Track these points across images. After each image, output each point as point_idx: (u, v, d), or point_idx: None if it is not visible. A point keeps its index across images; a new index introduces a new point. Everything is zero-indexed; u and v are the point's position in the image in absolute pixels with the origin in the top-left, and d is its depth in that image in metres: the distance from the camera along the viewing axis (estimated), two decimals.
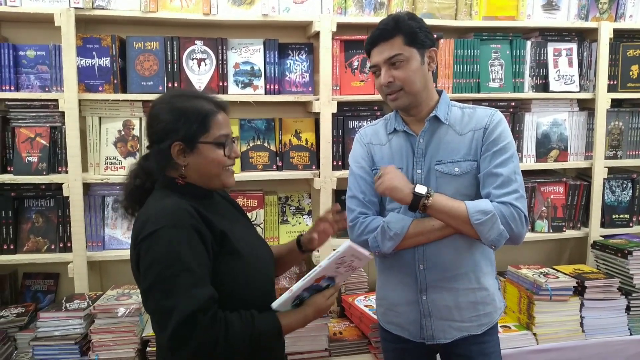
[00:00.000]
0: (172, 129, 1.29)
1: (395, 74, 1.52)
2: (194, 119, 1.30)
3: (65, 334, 1.98)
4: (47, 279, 2.43)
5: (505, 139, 1.54)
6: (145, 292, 1.23)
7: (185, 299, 1.16)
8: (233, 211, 1.49)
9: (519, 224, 1.48)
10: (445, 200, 1.50)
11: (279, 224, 2.50)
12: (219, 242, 1.28)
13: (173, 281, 1.17)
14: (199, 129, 1.31)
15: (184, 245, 1.20)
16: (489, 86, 2.56)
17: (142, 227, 1.24)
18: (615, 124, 2.73)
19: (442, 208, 1.49)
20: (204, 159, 1.32)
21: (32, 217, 2.32)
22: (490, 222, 1.45)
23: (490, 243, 1.48)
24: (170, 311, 1.16)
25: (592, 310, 2.30)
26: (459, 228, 1.51)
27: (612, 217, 2.74)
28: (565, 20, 2.63)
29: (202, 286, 1.20)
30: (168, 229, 1.21)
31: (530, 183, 2.64)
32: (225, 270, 1.28)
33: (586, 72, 2.68)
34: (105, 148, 2.33)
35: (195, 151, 1.31)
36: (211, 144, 1.32)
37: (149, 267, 1.20)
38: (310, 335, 2.12)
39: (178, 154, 1.31)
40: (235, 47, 2.41)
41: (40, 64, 2.27)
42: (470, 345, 1.60)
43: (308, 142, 2.50)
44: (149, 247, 1.21)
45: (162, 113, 1.32)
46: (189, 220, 1.23)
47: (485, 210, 1.46)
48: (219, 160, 1.33)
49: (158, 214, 1.24)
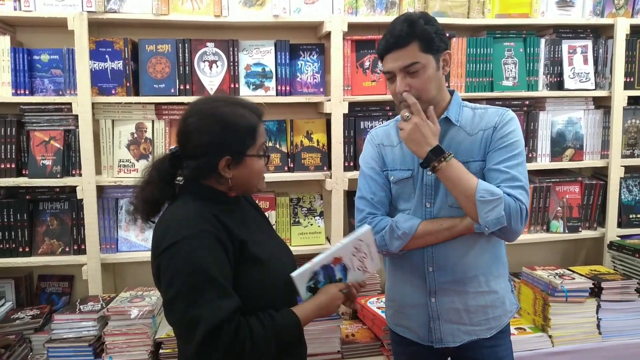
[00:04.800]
0: (221, 142, 1.26)
1: (412, 83, 1.47)
2: (244, 133, 1.28)
3: (79, 336, 2.00)
4: (61, 281, 2.46)
5: (513, 137, 1.50)
6: (169, 303, 1.21)
7: (212, 310, 1.15)
8: (255, 215, 1.47)
9: (518, 220, 1.44)
10: (459, 169, 1.46)
11: (290, 226, 2.50)
12: (239, 251, 1.27)
13: (198, 291, 1.16)
14: (249, 142, 1.29)
15: (207, 255, 1.19)
16: (502, 85, 2.53)
17: (164, 236, 1.22)
18: (632, 122, 2.68)
19: (451, 174, 1.45)
20: (250, 170, 1.31)
21: (46, 219, 2.34)
22: (494, 203, 1.41)
23: (485, 224, 1.43)
24: (197, 321, 1.15)
25: (609, 312, 2.27)
26: (459, 200, 1.46)
27: (629, 216, 2.70)
28: (580, 16, 2.59)
29: (228, 297, 1.19)
30: (190, 239, 1.19)
31: (545, 183, 2.61)
32: (246, 278, 1.27)
33: (602, 69, 2.63)
34: (118, 151, 2.35)
35: (241, 163, 1.29)
36: (256, 156, 1.32)
37: (172, 278, 1.19)
38: (322, 338, 2.11)
39: (224, 168, 1.28)
40: (247, 48, 2.41)
41: (54, 67, 2.29)
42: (481, 349, 1.58)
43: (319, 143, 2.49)
44: (171, 258, 1.19)
45: (205, 124, 1.26)
46: (210, 229, 1.21)
47: (494, 192, 1.42)
48: (262, 171, 1.34)
49: (179, 223, 1.22)
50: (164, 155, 1.35)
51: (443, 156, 1.44)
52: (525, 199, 1.45)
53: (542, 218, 2.63)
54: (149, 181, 1.32)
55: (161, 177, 1.32)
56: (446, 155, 1.45)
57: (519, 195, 1.44)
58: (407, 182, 1.59)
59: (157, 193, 1.31)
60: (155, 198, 1.31)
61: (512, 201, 1.43)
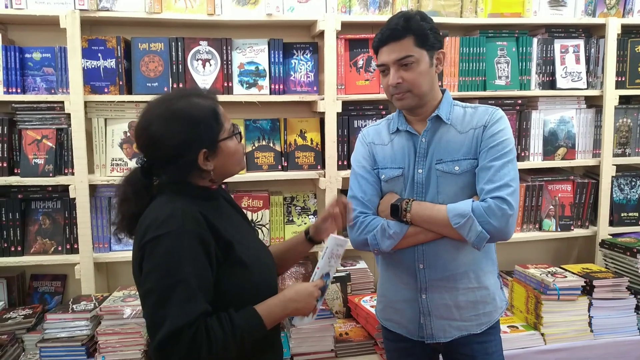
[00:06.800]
0: (193, 138, 1.23)
1: (405, 76, 1.51)
2: (210, 121, 1.26)
3: (71, 335, 1.99)
4: (54, 280, 2.44)
5: (503, 136, 1.52)
6: (142, 297, 1.21)
7: (178, 312, 1.14)
8: (236, 216, 1.46)
9: (500, 218, 1.44)
10: (425, 206, 1.52)
11: (284, 225, 2.50)
12: (224, 251, 1.25)
13: (169, 291, 1.15)
14: (217, 128, 1.28)
15: (187, 255, 1.17)
16: (495, 84, 2.54)
17: (147, 229, 1.20)
18: (623, 121, 2.70)
19: (422, 214, 1.51)
20: (227, 155, 1.30)
21: (39, 218, 2.33)
22: (468, 223, 1.45)
23: (473, 244, 1.48)
24: (161, 322, 1.14)
25: (601, 310, 2.28)
26: (444, 234, 1.51)
27: (620, 215, 2.72)
28: (572, 16, 2.61)
29: (197, 301, 1.17)
30: (173, 236, 1.18)
31: (537, 181, 2.63)
32: (230, 279, 1.26)
33: (594, 68, 2.65)
34: (111, 149, 2.34)
35: (217, 151, 1.28)
36: (227, 138, 1.30)
37: (148, 273, 1.18)
38: (316, 336, 2.11)
39: (204, 162, 1.26)
40: (240, 47, 2.41)
41: (46, 66, 2.28)
42: (471, 344, 1.60)
43: (313, 142, 2.50)
44: (152, 251, 1.18)
45: (170, 127, 1.23)
46: (196, 228, 1.20)
47: (463, 212, 1.46)
48: (239, 151, 1.33)
49: (166, 217, 1.20)
50: (134, 169, 1.33)
51: (404, 204, 1.53)
52: (512, 198, 1.46)
53: (534, 217, 2.64)
54: (124, 199, 1.31)
55: (136, 191, 1.30)
56: (408, 201, 1.53)
57: (505, 195, 1.45)
58: (398, 180, 1.61)
59: (134, 207, 1.30)
60: (133, 213, 1.30)
61: (489, 205, 1.45)
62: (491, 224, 1.44)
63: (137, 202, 1.30)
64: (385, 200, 1.62)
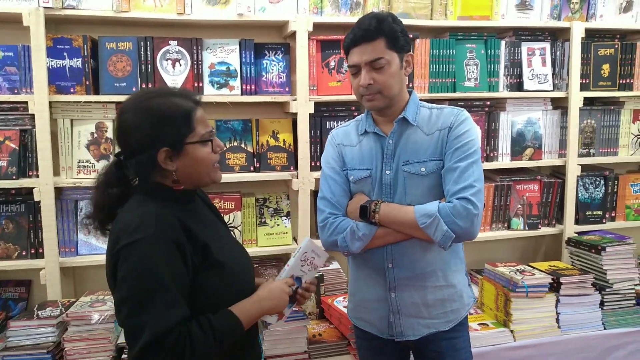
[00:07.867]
0: (156, 135, 1.22)
1: (376, 77, 1.52)
2: (178, 121, 1.24)
3: (37, 342, 1.93)
4: (18, 286, 2.36)
5: (468, 137, 1.54)
6: (117, 304, 1.18)
7: (158, 319, 1.12)
8: (213, 217, 1.44)
9: (465, 218, 1.46)
10: (393, 207, 1.54)
11: (257, 226, 2.48)
12: (200, 255, 1.24)
13: (146, 298, 1.13)
14: (185, 130, 1.25)
15: (163, 261, 1.16)
16: (464, 86, 2.58)
17: (121, 234, 1.18)
18: (587, 122, 2.78)
19: (390, 214, 1.53)
20: (193, 159, 1.27)
21: (1, 222, 2.25)
22: (434, 224, 1.47)
23: (439, 244, 1.50)
24: (141, 329, 1.12)
25: (568, 306, 2.34)
26: (412, 234, 1.53)
27: (585, 214, 2.79)
28: (539, 20, 2.67)
29: (176, 307, 1.16)
30: (148, 241, 1.15)
31: (506, 181, 2.68)
32: (208, 282, 1.24)
33: (559, 71, 2.72)
34: (77, 151, 2.28)
35: (182, 153, 1.25)
36: (198, 142, 1.27)
37: (123, 279, 1.16)
38: (289, 338, 2.10)
39: (165, 160, 1.24)
40: (211, 47, 2.38)
41: (8, 65, 2.21)
42: (440, 341, 1.62)
43: (286, 142, 2.49)
44: (127, 257, 1.16)
45: (139, 119, 1.23)
46: (170, 233, 1.18)
47: (429, 213, 1.48)
48: (208, 159, 1.29)
49: (139, 223, 1.18)
50: (112, 160, 1.33)
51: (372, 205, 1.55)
52: (476, 198, 1.48)
53: (503, 216, 2.69)
54: (96, 187, 1.31)
55: (107, 181, 1.30)
56: (377, 203, 1.55)
57: (470, 195, 1.47)
58: (365, 181, 1.62)
59: (103, 197, 1.28)
60: (101, 203, 1.28)
61: (455, 205, 1.47)
62: (457, 224, 1.46)
63: (105, 191, 1.29)
64: (354, 202, 1.63)
